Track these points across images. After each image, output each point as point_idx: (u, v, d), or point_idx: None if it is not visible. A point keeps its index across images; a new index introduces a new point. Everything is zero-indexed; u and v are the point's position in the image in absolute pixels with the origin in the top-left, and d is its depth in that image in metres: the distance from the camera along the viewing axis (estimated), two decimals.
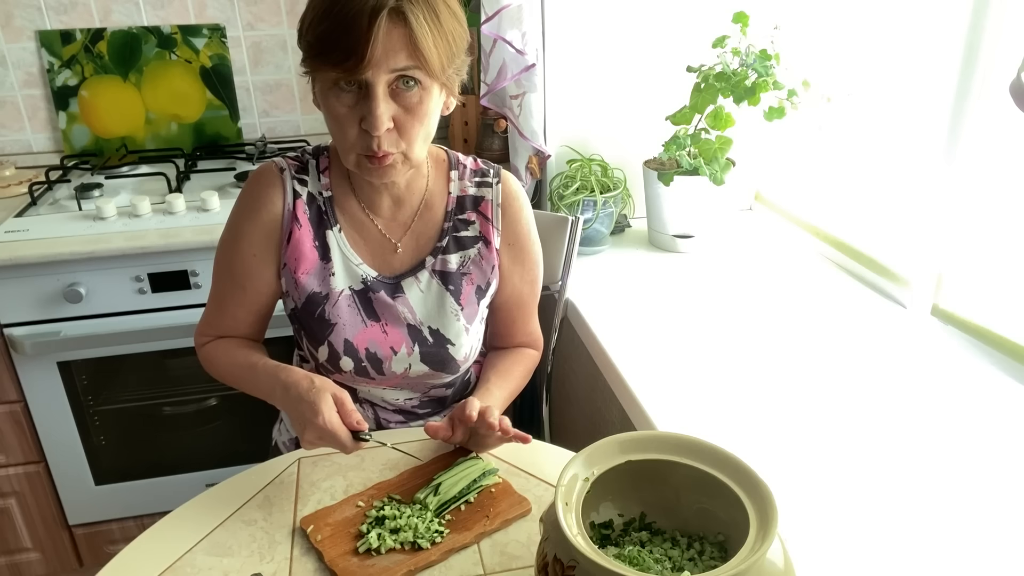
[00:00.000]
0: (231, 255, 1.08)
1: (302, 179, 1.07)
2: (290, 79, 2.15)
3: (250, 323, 1.13)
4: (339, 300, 1.07)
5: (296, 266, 1.06)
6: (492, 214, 1.11)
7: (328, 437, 0.91)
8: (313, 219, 1.07)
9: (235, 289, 1.09)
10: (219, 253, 1.10)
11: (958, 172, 1.29)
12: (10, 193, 1.86)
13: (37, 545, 1.85)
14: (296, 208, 1.06)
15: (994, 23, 1.19)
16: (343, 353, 1.07)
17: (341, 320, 1.07)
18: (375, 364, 1.09)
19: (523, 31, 1.59)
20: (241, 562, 0.87)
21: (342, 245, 1.08)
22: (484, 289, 1.12)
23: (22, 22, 1.96)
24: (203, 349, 1.14)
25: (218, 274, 1.11)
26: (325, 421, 0.90)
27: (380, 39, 0.87)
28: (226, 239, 1.09)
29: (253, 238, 1.06)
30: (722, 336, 1.35)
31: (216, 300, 1.12)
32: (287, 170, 1.07)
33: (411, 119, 0.94)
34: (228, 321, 1.12)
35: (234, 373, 1.09)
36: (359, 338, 1.08)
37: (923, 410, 1.14)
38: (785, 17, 1.63)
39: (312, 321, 1.08)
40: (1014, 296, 1.23)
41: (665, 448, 0.77)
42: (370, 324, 1.08)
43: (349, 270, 1.08)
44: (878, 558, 0.87)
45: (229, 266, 1.08)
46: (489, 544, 0.90)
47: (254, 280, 1.08)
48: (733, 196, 1.90)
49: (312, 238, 1.07)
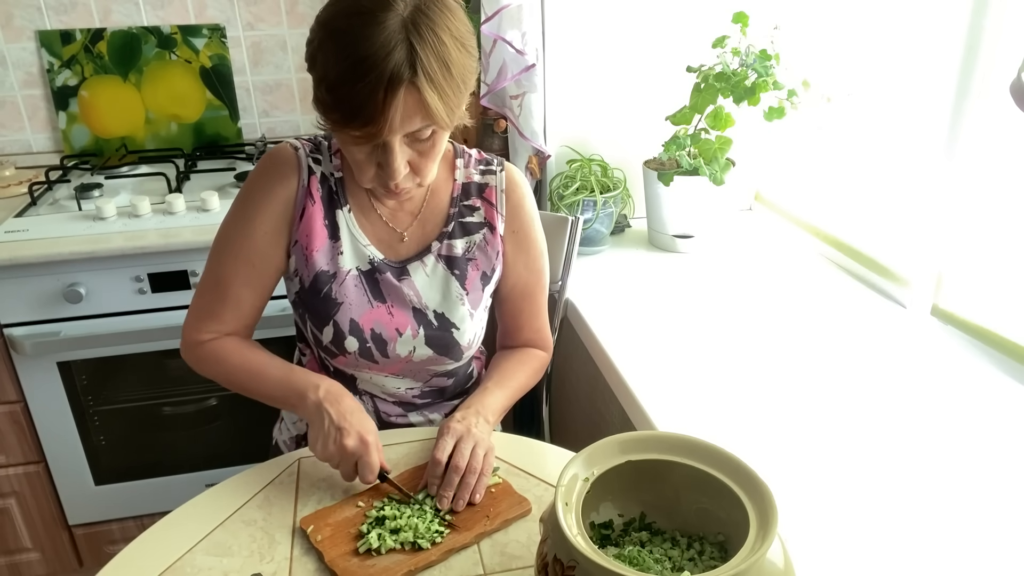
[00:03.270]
0: (240, 231, 1.06)
1: (316, 158, 1.08)
2: (290, 79, 2.15)
3: (254, 307, 1.10)
4: (346, 279, 1.08)
5: (308, 243, 1.07)
6: (496, 200, 1.12)
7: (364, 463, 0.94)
8: (325, 198, 1.08)
9: (243, 266, 1.06)
10: (224, 232, 1.08)
11: (958, 172, 1.29)
12: (10, 193, 1.86)
13: (37, 545, 1.85)
14: (311, 185, 1.07)
15: (994, 23, 1.19)
16: (348, 333, 1.08)
17: (348, 300, 1.08)
18: (380, 345, 1.09)
19: (523, 31, 1.59)
20: (241, 562, 0.87)
21: (351, 225, 1.09)
22: (489, 276, 1.13)
23: (22, 22, 1.96)
24: (206, 347, 1.08)
25: (220, 255, 1.07)
26: (371, 445, 0.94)
27: (397, 110, 0.88)
28: (235, 215, 1.07)
29: (266, 215, 1.06)
30: (722, 336, 1.35)
31: (217, 285, 1.07)
32: (301, 149, 1.08)
33: (425, 159, 0.98)
34: (231, 307, 1.08)
35: (250, 371, 1.06)
36: (365, 318, 1.08)
37: (923, 410, 1.14)
38: (785, 17, 1.63)
39: (318, 300, 1.08)
40: (1014, 296, 1.23)
41: (665, 448, 0.77)
42: (376, 305, 1.09)
43: (357, 250, 1.09)
44: (878, 558, 0.87)
45: (238, 243, 1.06)
46: (489, 544, 0.90)
47: (264, 257, 1.07)
48: (733, 196, 1.90)
49: (323, 216, 1.07)
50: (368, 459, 0.93)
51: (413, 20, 0.87)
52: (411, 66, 0.86)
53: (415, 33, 0.87)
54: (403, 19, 0.87)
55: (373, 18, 0.86)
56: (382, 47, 0.85)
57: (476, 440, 0.97)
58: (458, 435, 0.98)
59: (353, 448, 0.93)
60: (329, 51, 0.88)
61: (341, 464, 0.95)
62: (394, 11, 0.87)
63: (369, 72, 0.85)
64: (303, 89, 2.16)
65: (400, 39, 0.86)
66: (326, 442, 0.94)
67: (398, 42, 0.86)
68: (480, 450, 0.97)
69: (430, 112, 0.90)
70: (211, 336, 1.09)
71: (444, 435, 0.98)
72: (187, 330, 1.11)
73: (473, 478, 0.94)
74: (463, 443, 0.96)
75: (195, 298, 1.10)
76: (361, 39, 0.86)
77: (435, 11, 0.89)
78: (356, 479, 0.96)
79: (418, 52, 0.87)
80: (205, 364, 1.10)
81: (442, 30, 0.89)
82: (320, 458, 0.96)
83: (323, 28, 0.90)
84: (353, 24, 0.87)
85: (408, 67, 0.86)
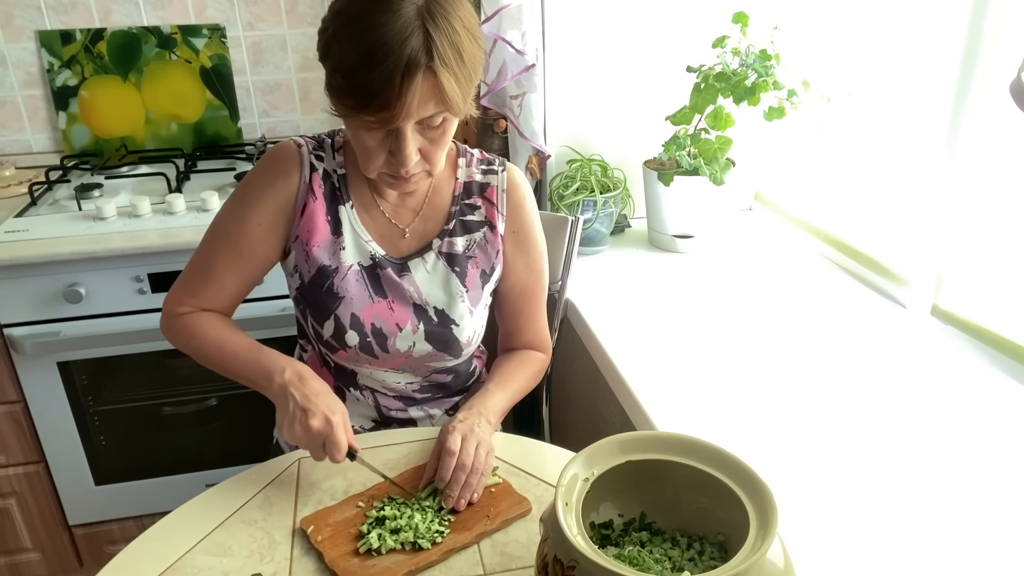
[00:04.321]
0: (235, 219, 1.08)
1: (319, 155, 1.09)
2: (290, 79, 2.15)
3: (234, 292, 1.11)
4: (348, 274, 1.09)
5: (308, 238, 1.08)
6: (497, 200, 1.14)
7: (330, 442, 0.93)
8: (327, 194, 1.09)
9: (231, 253, 1.08)
10: (220, 218, 1.10)
11: (958, 172, 1.29)
12: (10, 193, 1.86)
13: (37, 545, 1.85)
14: (312, 181, 1.08)
15: (994, 23, 1.19)
16: (349, 327, 1.08)
17: (349, 294, 1.09)
18: (380, 340, 1.10)
19: (523, 31, 1.59)
20: (241, 562, 0.87)
21: (353, 221, 1.10)
22: (489, 274, 1.14)
23: (22, 22, 1.96)
24: (182, 319, 1.10)
25: (212, 238, 1.10)
26: (336, 424, 0.93)
27: (415, 95, 0.89)
28: (232, 204, 1.09)
29: (262, 207, 1.07)
30: (722, 336, 1.35)
31: (204, 265, 1.10)
32: (305, 146, 1.09)
33: (436, 147, 0.99)
34: (212, 288, 1.10)
35: (222, 348, 1.06)
36: (365, 313, 1.09)
37: (923, 410, 1.14)
38: (785, 17, 1.63)
39: (320, 294, 1.09)
40: (1014, 296, 1.23)
41: (665, 448, 0.77)
42: (377, 300, 1.10)
43: (359, 246, 1.10)
44: (878, 558, 0.87)
45: (229, 230, 1.08)
46: (489, 544, 0.90)
47: (253, 248, 1.08)
48: (733, 196, 1.90)
49: (325, 212, 1.08)
50: (334, 438, 0.93)
51: (428, 8, 0.89)
52: (427, 52, 0.88)
53: (430, 20, 0.89)
54: (418, 7, 0.89)
55: (388, 5, 0.88)
56: (399, 33, 0.87)
57: (479, 439, 0.98)
58: (463, 433, 0.98)
59: (318, 429, 0.92)
60: (345, 38, 0.89)
61: (309, 445, 0.94)
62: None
63: (387, 58, 0.87)
64: (303, 89, 2.16)
65: (416, 26, 0.88)
66: (292, 424, 0.94)
67: (415, 29, 0.88)
68: (482, 450, 0.97)
69: (445, 97, 0.91)
70: (188, 310, 1.11)
71: (451, 432, 0.98)
72: (167, 301, 1.12)
73: (475, 478, 0.95)
74: (467, 442, 0.97)
75: (182, 273, 1.12)
76: (378, 25, 0.87)
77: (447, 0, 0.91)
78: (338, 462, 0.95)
79: (434, 38, 0.88)
80: (179, 337, 1.11)
81: (455, 19, 0.91)
82: (287, 440, 0.96)
83: (338, 17, 0.92)
84: (370, 11, 0.88)
85: (425, 53, 0.88)
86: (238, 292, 1.12)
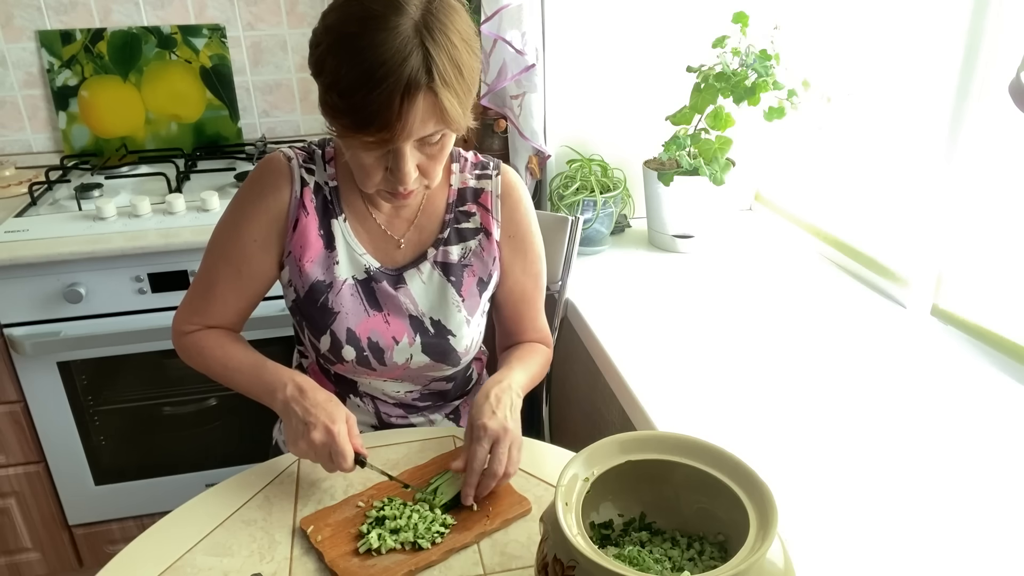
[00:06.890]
0: (230, 238, 1.07)
1: (309, 168, 1.07)
2: (290, 79, 2.15)
3: (238, 310, 1.11)
4: (342, 289, 1.08)
5: (301, 254, 1.07)
6: (492, 205, 1.12)
7: (335, 452, 0.92)
8: (319, 208, 1.07)
9: (230, 273, 1.08)
10: (216, 235, 1.09)
11: (958, 172, 1.29)
12: (10, 193, 1.86)
13: (37, 545, 1.85)
14: (304, 196, 1.06)
15: (994, 23, 1.19)
16: (345, 342, 1.08)
17: (344, 309, 1.08)
18: (377, 354, 1.09)
19: (523, 31, 1.59)
20: (241, 562, 0.87)
21: (346, 234, 1.08)
22: (486, 281, 1.13)
23: (22, 22, 1.96)
24: (189, 337, 1.10)
25: (212, 257, 1.09)
26: (338, 433, 0.92)
27: (416, 116, 0.87)
28: (226, 222, 1.08)
29: (255, 224, 1.06)
30: (722, 336, 1.35)
31: (205, 284, 1.09)
32: (295, 159, 1.07)
33: (434, 162, 0.96)
34: (216, 306, 1.10)
35: (227, 365, 1.06)
36: (361, 327, 1.08)
37: (923, 410, 1.14)
38: (785, 17, 1.63)
39: (315, 310, 1.08)
40: (1014, 296, 1.23)
41: (665, 448, 0.77)
42: (373, 314, 1.09)
43: (353, 259, 1.08)
44: (878, 558, 0.87)
45: (226, 247, 1.07)
46: (489, 544, 0.90)
47: (251, 265, 1.08)
48: (733, 196, 1.90)
49: (318, 226, 1.07)
50: (337, 447, 0.92)
51: (426, 24, 0.85)
52: (428, 71, 0.85)
53: (429, 37, 0.85)
54: (415, 23, 0.85)
55: (385, 22, 0.84)
56: (397, 52, 0.83)
57: (512, 438, 0.94)
58: (494, 437, 0.94)
59: (321, 440, 0.92)
60: (340, 57, 0.85)
61: (316, 459, 0.94)
62: (406, 15, 0.85)
63: (385, 79, 0.83)
64: (303, 89, 2.16)
65: (415, 44, 0.84)
66: (296, 440, 0.94)
67: (413, 47, 0.84)
68: (515, 451, 0.95)
69: (446, 116, 0.88)
70: (194, 328, 1.11)
71: (479, 439, 0.93)
72: (175, 320, 1.13)
73: (501, 480, 0.94)
74: (499, 446, 0.93)
75: (188, 291, 1.12)
76: (375, 44, 0.83)
77: (444, 13, 0.88)
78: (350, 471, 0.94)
79: (433, 57, 0.85)
80: (188, 354, 1.11)
81: (452, 32, 0.87)
82: (296, 455, 0.96)
83: (331, 32, 0.87)
84: (366, 27, 0.84)
85: (425, 72, 0.85)
86: (242, 308, 1.12)
